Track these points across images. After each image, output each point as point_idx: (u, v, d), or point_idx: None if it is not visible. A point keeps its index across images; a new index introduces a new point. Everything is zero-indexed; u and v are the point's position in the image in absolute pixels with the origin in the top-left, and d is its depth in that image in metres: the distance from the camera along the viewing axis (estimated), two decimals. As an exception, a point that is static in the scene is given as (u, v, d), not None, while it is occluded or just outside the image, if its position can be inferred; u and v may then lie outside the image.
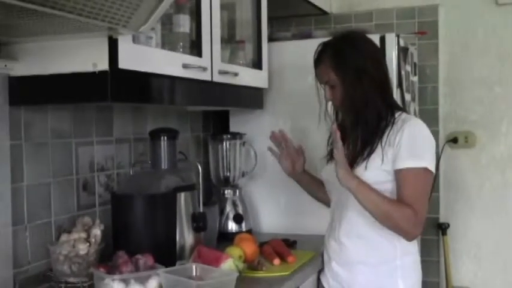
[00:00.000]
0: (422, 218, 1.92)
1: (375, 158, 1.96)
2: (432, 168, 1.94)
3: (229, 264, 1.84)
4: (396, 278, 2.02)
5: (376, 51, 2.10)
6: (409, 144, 1.93)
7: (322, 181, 2.25)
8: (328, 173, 2.12)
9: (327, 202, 2.25)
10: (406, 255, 2.03)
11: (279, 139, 2.29)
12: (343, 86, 1.99)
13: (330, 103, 2.09)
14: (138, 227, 1.94)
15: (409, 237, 1.96)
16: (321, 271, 2.22)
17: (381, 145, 1.96)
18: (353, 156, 2.00)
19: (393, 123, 1.99)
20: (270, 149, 2.34)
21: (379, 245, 2.01)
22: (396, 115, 2.02)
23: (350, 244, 2.04)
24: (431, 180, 1.98)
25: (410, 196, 1.90)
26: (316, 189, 2.31)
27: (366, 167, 1.96)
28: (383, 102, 2.01)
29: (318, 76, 2.08)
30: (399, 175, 1.93)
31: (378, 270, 2.02)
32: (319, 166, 2.29)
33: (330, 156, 2.13)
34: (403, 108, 2.20)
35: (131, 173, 2.21)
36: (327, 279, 2.15)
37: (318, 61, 2.07)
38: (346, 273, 2.06)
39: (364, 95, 1.98)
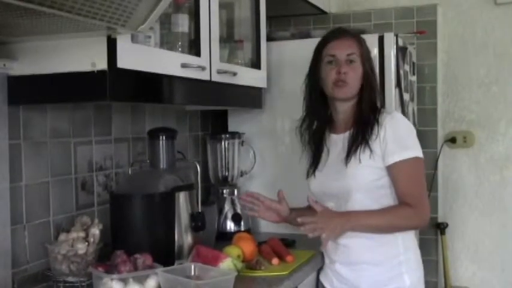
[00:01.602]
0: (424, 206, 2.00)
1: (365, 152, 1.98)
2: (421, 155, 2.01)
3: (228, 263, 1.84)
4: (401, 274, 2.03)
5: None
6: (394, 138, 1.97)
7: (304, 210, 2.22)
8: (318, 185, 2.12)
9: None
10: (408, 251, 2.06)
11: (248, 201, 2.21)
12: (363, 65, 2.03)
13: (330, 81, 2.04)
14: (136, 226, 1.94)
15: (419, 229, 2.09)
16: (320, 271, 2.22)
17: (366, 139, 1.99)
18: (349, 145, 2.02)
19: (377, 119, 2.02)
20: (248, 213, 2.32)
21: (382, 243, 2.02)
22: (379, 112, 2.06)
23: (353, 245, 2.04)
24: (423, 166, 2.05)
25: (407, 188, 1.97)
26: None
27: (359, 160, 1.98)
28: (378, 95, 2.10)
29: (339, 48, 2.03)
30: (392, 170, 1.97)
31: (383, 267, 2.03)
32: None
33: (314, 167, 2.12)
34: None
35: (130, 172, 2.21)
36: (329, 281, 2.15)
37: (343, 32, 2.08)
38: (352, 274, 2.06)
39: (376, 80, 2.07)
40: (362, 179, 1.99)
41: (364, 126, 2.01)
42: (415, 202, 1.96)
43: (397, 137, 1.98)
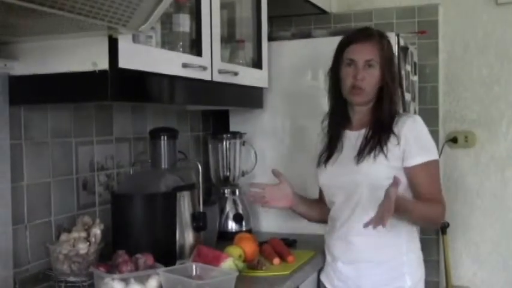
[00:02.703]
0: (444, 206, 2.04)
1: (379, 154, 1.99)
2: (438, 157, 2.07)
3: (229, 263, 1.84)
4: (403, 274, 2.04)
5: None
6: (416, 141, 2.00)
7: (310, 200, 2.26)
8: (328, 177, 2.12)
9: (321, 220, 2.25)
10: (411, 252, 2.08)
11: (257, 194, 2.20)
12: (381, 69, 2.03)
13: (347, 84, 2.05)
14: (138, 226, 1.94)
15: (437, 227, 2.13)
16: (321, 271, 2.22)
17: (381, 142, 1.99)
18: (362, 146, 2.03)
19: (396, 122, 2.03)
20: (261, 206, 2.27)
21: (387, 242, 2.03)
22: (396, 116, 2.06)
23: (359, 243, 2.04)
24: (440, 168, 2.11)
25: (431, 189, 2.01)
26: (311, 209, 2.28)
27: (374, 158, 1.99)
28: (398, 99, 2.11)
29: (358, 52, 2.03)
30: (414, 171, 1.99)
31: (385, 267, 2.04)
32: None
33: (327, 158, 2.12)
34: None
35: (131, 172, 2.21)
36: (330, 280, 2.15)
37: (366, 35, 2.07)
38: (354, 272, 2.07)
39: (395, 86, 2.08)
40: (375, 175, 1.98)
41: (380, 130, 2.02)
42: (440, 201, 2.01)
43: (419, 140, 2.01)
